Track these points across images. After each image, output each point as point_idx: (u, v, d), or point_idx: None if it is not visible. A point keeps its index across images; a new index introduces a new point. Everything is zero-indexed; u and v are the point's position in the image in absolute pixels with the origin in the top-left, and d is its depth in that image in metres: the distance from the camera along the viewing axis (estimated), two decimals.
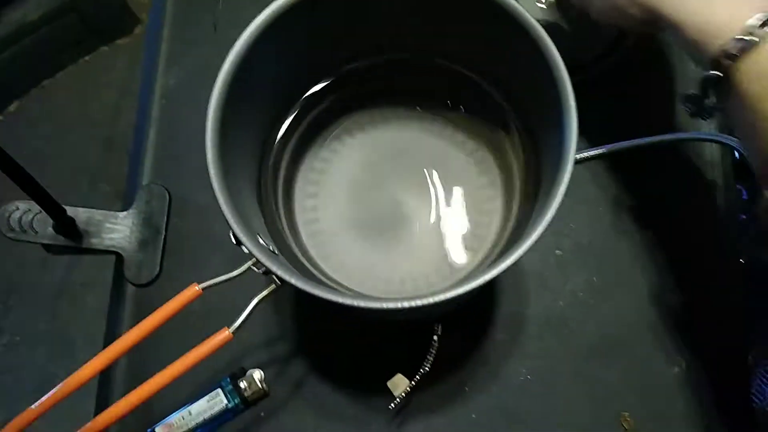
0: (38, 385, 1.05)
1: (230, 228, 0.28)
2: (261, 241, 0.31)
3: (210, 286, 0.33)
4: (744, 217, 0.49)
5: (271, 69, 0.35)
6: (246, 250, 0.28)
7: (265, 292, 0.31)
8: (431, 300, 0.27)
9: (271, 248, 0.32)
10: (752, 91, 0.28)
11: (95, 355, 0.33)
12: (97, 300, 1.10)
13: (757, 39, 0.27)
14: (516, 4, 0.31)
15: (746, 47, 0.27)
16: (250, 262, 0.30)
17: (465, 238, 0.39)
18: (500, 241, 0.38)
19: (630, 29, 0.36)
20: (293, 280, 0.27)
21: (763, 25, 0.27)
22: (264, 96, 0.36)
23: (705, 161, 0.48)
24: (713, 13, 0.28)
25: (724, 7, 0.28)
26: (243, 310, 0.33)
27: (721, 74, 0.28)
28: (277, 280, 0.29)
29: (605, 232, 0.46)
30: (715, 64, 0.28)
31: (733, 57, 0.28)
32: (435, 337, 0.39)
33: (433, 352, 0.39)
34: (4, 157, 0.37)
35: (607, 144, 0.47)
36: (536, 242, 0.29)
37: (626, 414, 0.42)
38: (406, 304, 0.26)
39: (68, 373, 0.33)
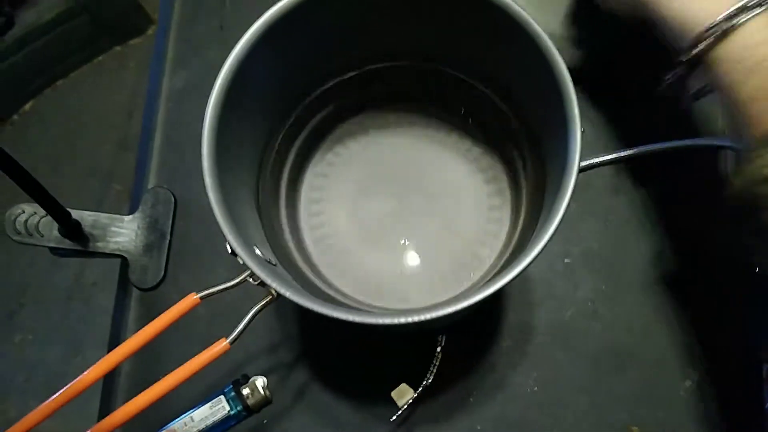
0: (49, 382, 1.06)
1: (226, 240, 0.28)
2: (258, 251, 0.30)
3: (208, 295, 0.33)
4: None
5: (271, 74, 0.34)
6: (241, 262, 0.28)
7: (262, 303, 0.31)
8: (430, 315, 0.26)
9: (268, 259, 0.32)
10: (725, 78, 0.31)
11: (105, 354, 0.33)
12: (108, 300, 1.10)
13: (725, 29, 0.30)
14: (523, 12, 0.31)
15: (717, 38, 0.31)
16: (245, 273, 0.30)
17: (471, 247, 0.38)
18: (507, 249, 0.38)
19: (631, 24, 0.39)
20: (287, 293, 0.27)
21: (730, 18, 0.30)
22: (265, 101, 0.35)
23: (715, 168, 0.46)
24: (690, 9, 0.32)
25: (699, 3, 0.32)
26: (246, 314, 0.32)
27: (695, 60, 0.33)
28: (273, 291, 0.29)
29: (614, 239, 0.45)
30: (693, 53, 0.32)
31: (707, 46, 0.31)
32: (438, 349, 0.38)
33: (437, 363, 0.39)
34: (9, 160, 0.37)
35: (615, 151, 0.46)
36: (544, 250, 0.28)
37: (635, 428, 0.41)
38: (402, 320, 0.26)
39: (80, 372, 0.33)
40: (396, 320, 0.26)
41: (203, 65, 0.52)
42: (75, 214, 0.46)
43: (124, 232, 0.48)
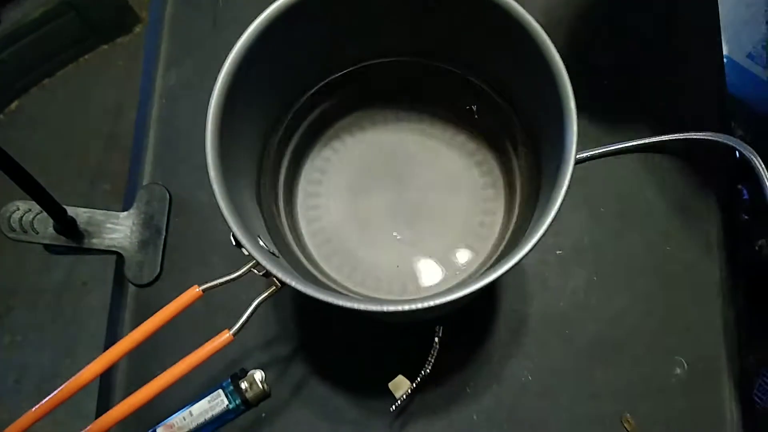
0: (40, 384, 1.05)
1: (230, 230, 0.28)
2: (261, 243, 0.30)
3: (210, 288, 0.33)
4: (746, 217, 0.49)
5: (271, 69, 0.35)
6: (246, 253, 0.28)
7: (265, 294, 0.31)
8: (432, 303, 0.27)
9: (271, 250, 0.32)
10: None
11: (98, 354, 0.33)
12: (100, 299, 1.09)
13: None
14: (519, 7, 0.31)
15: None
16: (250, 264, 0.30)
17: (467, 239, 0.39)
18: (502, 242, 0.38)
19: None
20: (293, 283, 0.27)
21: None
22: (265, 96, 0.36)
23: (707, 161, 0.47)
24: None
25: None
26: (246, 308, 0.33)
27: None
28: (277, 282, 0.29)
29: (606, 231, 0.46)
30: None
31: None
32: (436, 339, 0.39)
33: (434, 354, 0.39)
34: (4, 156, 0.37)
35: (609, 144, 0.47)
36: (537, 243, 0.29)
37: (628, 415, 0.42)
38: (406, 307, 0.26)
39: (71, 373, 0.33)
40: (400, 308, 0.26)
41: (197, 62, 0.52)
42: (70, 210, 0.46)
43: (119, 229, 0.48)
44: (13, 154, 0.38)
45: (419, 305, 0.26)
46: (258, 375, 0.42)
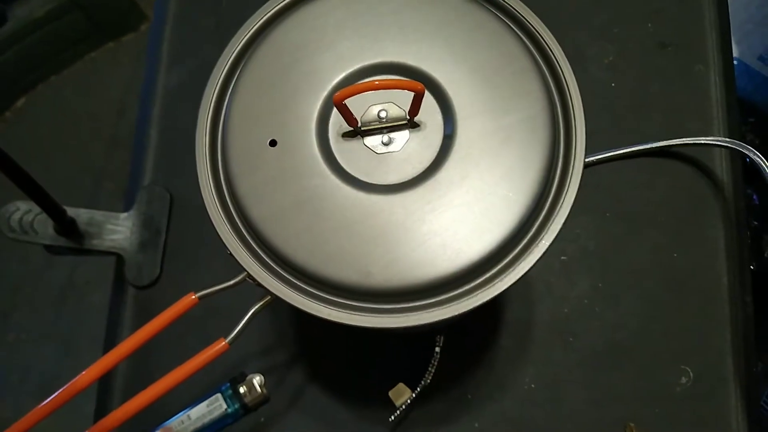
0: (43, 383, 1.06)
1: (222, 243, 0.27)
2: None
3: (207, 295, 0.32)
4: (755, 223, 0.48)
5: None
6: (240, 263, 0.28)
7: (260, 304, 0.31)
8: (434, 319, 0.26)
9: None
10: None
11: (100, 353, 0.33)
12: (102, 298, 1.09)
13: None
14: (529, 12, 0.30)
15: None
16: (244, 273, 0.30)
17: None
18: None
19: None
20: (283, 297, 0.27)
21: None
22: None
23: (715, 166, 0.47)
24: None
25: None
26: (244, 313, 0.32)
27: None
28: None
29: (611, 237, 0.45)
30: None
31: None
32: (437, 349, 0.38)
33: (435, 363, 0.38)
34: (5, 157, 0.37)
35: (616, 148, 0.46)
36: None
37: (632, 425, 0.42)
38: (403, 324, 0.26)
39: (74, 371, 0.32)
40: (397, 325, 0.26)
41: (199, 63, 0.52)
42: (70, 211, 0.46)
43: (119, 230, 0.47)
44: (19, 152, 0.38)
45: (418, 321, 0.26)
46: (257, 379, 0.41)
